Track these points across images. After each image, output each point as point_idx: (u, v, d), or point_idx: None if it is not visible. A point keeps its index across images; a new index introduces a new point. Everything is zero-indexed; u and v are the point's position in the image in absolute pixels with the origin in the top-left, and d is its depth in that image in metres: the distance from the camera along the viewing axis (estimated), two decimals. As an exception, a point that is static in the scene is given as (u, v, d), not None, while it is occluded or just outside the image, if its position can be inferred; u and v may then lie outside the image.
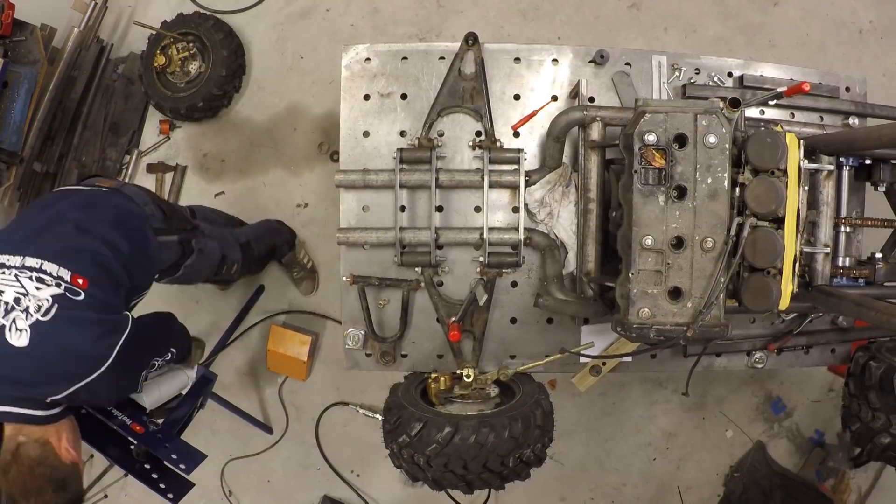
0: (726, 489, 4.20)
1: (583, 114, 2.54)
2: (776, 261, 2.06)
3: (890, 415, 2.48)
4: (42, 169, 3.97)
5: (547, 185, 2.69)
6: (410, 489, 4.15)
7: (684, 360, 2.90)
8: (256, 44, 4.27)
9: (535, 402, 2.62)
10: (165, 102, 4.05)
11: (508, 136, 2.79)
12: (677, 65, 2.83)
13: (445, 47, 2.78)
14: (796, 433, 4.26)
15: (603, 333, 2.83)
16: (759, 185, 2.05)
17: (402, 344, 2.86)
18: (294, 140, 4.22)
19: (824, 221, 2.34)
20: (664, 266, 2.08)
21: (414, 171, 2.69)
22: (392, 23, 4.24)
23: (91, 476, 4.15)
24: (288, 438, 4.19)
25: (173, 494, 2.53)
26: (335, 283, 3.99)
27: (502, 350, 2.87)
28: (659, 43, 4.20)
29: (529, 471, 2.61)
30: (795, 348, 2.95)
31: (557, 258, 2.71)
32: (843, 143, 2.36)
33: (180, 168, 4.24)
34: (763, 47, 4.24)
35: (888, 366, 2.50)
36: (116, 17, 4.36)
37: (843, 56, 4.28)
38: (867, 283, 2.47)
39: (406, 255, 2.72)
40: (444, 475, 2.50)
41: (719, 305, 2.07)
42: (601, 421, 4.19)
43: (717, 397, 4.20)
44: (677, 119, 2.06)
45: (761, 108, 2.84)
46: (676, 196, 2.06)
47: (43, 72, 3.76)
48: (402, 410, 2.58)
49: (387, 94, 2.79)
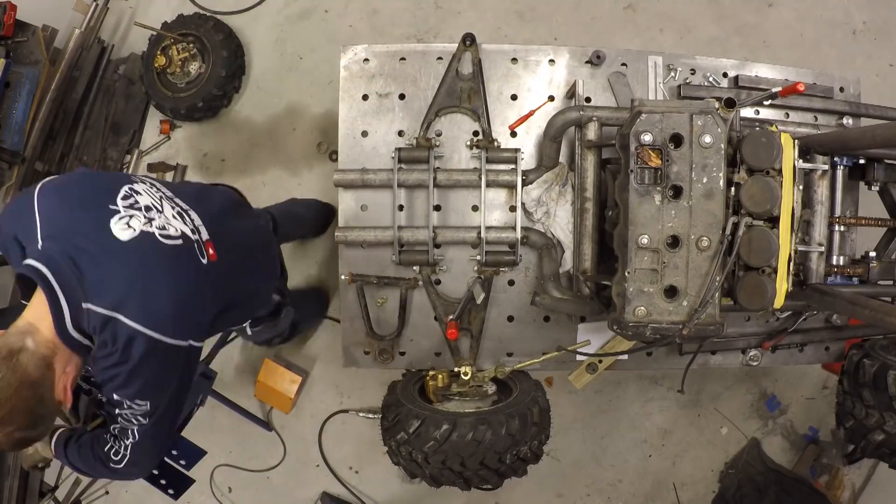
0: (721, 485, 4.23)
1: (579, 114, 2.56)
2: (771, 260, 2.08)
3: (883, 412, 2.49)
4: (44, 168, 3.98)
5: (544, 185, 2.71)
6: (409, 486, 4.17)
7: (680, 358, 2.93)
8: (256, 45, 4.28)
9: (532, 399, 2.65)
10: (166, 102, 4.06)
11: (506, 135, 2.81)
12: (673, 65, 2.85)
13: (443, 48, 2.80)
14: (791, 430, 4.28)
15: (599, 331, 2.85)
16: (754, 184, 2.07)
17: (400, 342, 2.88)
18: (293, 140, 4.23)
19: (819, 221, 2.36)
20: (660, 265, 2.10)
21: (412, 171, 2.71)
22: (390, 24, 4.25)
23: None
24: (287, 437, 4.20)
25: (174, 490, 2.55)
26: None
27: (499, 348, 2.89)
28: (655, 44, 4.21)
29: (526, 467, 2.64)
30: (790, 346, 2.98)
31: (554, 257, 2.73)
32: (838, 143, 2.38)
33: (180, 167, 4.25)
34: (758, 48, 4.26)
35: (882, 363, 2.51)
36: (117, 18, 4.37)
37: (837, 56, 4.30)
38: (861, 281, 2.48)
39: (404, 254, 2.74)
40: (441, 472, 2.52)
41: (714, 304, 2.09)
42: (597, 418, 4.21)
43: (713, 394, 4.22)
44: (673, 119, 2.08)
45: (756, 109, 2.86)
46: (672, 195, 2.09)
47: (45, 72, 3.77)
48: (401, 408, 2.60)
49: (385, 95, 2.81)
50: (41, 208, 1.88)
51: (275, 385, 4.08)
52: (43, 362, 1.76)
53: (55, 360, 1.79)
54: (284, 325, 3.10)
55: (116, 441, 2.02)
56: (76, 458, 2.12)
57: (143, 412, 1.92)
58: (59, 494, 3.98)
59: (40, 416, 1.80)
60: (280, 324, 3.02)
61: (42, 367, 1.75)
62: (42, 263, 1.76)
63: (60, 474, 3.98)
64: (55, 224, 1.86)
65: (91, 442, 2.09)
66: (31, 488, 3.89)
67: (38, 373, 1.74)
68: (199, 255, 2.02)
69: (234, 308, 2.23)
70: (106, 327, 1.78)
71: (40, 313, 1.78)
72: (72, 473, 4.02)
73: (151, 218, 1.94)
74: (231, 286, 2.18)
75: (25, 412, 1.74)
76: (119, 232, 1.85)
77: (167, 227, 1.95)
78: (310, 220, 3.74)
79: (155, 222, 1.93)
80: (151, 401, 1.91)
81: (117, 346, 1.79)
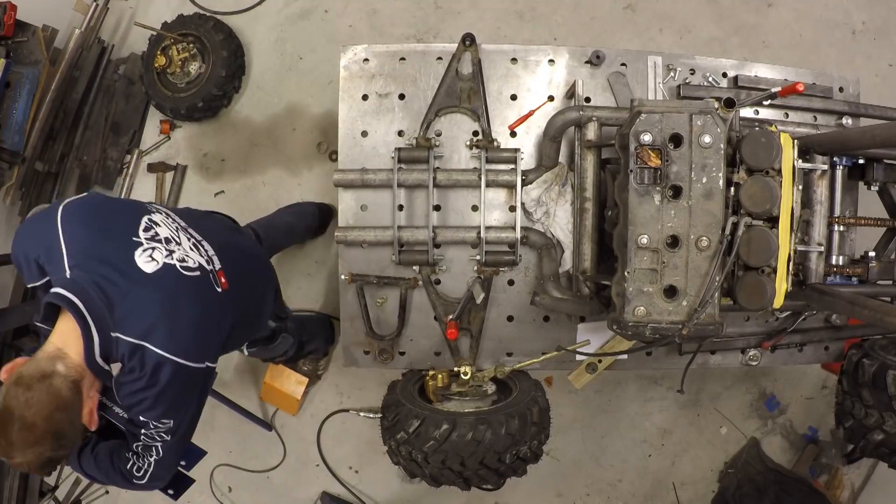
0: (721, 485, 4.23)
1: (579, 114, 2.57)
2: (770, 259, 2.09)
3: (883, 412, 2.50)
4: (44, 168, 3.98)
5: (543, 185, 2.71)
6: (409, 486, 4.17)
7: (679, 358, 2.93)
8: (256, 45, 4.28)
9: (532, 399, 2.66)
10: (166, 102, 4.06)
11: (505, 135, 2.82)
12: (672, 65, 2.85)
13: (443, 48, 2.81)
14: (790, 430, 4.28)
15: (599, 331, 2.85)
16: (753, 184, 2.08)
17: (400, 342, 2.89)
18: (293, 140, 4.23)
19: (818, 220, 2.37)
20: (660, 265, 2.11)
21: (412, 171, 2.71)
22: (390, 24, 4.25)
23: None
24: (287, 437, 4.20)
25: (174, 490, 2.54)
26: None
27: (499, 348, 2.89)
28: (654, 44, 4.21)
29: (526, 467, 2.64)
30: (789, 346, 2.98)
31: (554, 257, 2.74)
32: (837, 143, 2.38)
33: (180, 167, 4.26)
34: (757, 48, 4.26)
35: (881, 363, 2.52)
36: (117, 18, 4.37)
37: (837, 57, 4.30)
38: (860, 281, 2.49)
39: (404, 254, 2.75)
40: (441, 472, 2.53)
41: (714, 304, 2.09)
42: (597, 418, 4.22)
43: (712, 394, 4.23)
44: (672, 119, 2.08)
45: (756, 109, 2.87)
46: (672, 195, 2.09)
47: (45, 72, 3.77)
48: (401, 407, 2.61)
49: (385, 95, 2.81)
50: (66, 235, 1.95)
51: (281, 387, 4.08)
52: (74, 386, 1.83)
53: (83, 385, 1.87)
54: (282, 350, 3.18)
55: (139, 458, 2.09)
56: (91, 466, 2.16)
57: (166, 429, 2.01)
58: (59, 494, 3.98)
59: (69, 438, 1.87)
60: (276, 348, 3.12)
61: (73, 391, 1.82)
62: (73, 293, 1.82)
63: (60, 474, 3.97)
64: (82, 253, 1.93)
65: (110, 455, 2.14)
66: (31, 488, 3.89)
67: (70, 396, 1.81)
68: (214, 284, 2.13)
69: (238, 328, 2.31)
70: (134, 355, 1.87)
71: (69, 339, 1.85)
72: (72, 473, 4.02)
73: (172, 251, 2.05)
74: (238, 311, 2.27)
75: (58, 434, 1.80)
76: (143, 264, 1.95)
77: (186, 259, 2.07)
78: (300, 227, 3.75)
79: (175, 255, 2.05)
80: (174, 419, 2.01)
81: (145, 371, 1.88)
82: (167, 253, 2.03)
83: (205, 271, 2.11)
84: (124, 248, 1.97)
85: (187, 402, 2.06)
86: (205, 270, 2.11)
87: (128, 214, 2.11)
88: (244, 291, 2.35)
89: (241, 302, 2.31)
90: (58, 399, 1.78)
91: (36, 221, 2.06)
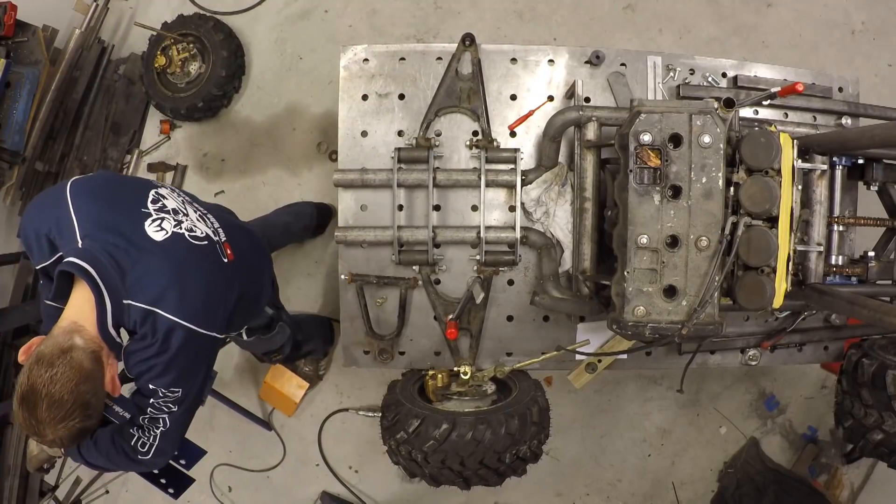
0: (720, 485, 4.23)
1: (579, 114, 2.57)
2: (770, 259, 2.09)
3: (882, 411, 2.50)
4: (44, 168, 3.99)
5: (543, 185, 2.72)
6: (408, 485, 4.18)
7: (679, 358, 2.93)
8: (256, 45, 4.28)
9: (532, 398, 2.66)
10: (166, 102, 4.07)
11: (505, 135, 2.82)
12: (672, 65, 2.85)
13: (443, 48, 2.81)
14: (789, 429, 4.28)
15: (598, 331, 2.85)
16: (753, 184, 2.08)
17: (400, 341, 2.89)
18: (293, 140, 4.24)
19: (817, 220, 2.37)
20: (659, 264, 2.11)
21: (411, 171, 2.71)
22: (390, 24, 4.25)
23: (92, 472, 4.16)
24: (287, 436, 4.21)
25: (174, 490, 2.55)
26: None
27: (499, 347, 2.90)
28: (654, 44, 4.22)
29: (526, 467, 2.64)
30: (789, 346, 2.98)
31: (553, 257, 2.74)
32: (836, 143, 2.38)
33: (180, 167, 4.26)
34: (756, 48, 4.26)
35: (880, 363, 2.52)
36: (117, 18, 4.37)
37: (836, 57, 4.30)
38: (860, 281, 2.49)
39: (404, 254, 2.75)
40: (441, 471, 2.53)
41: (713, 303, 2.10)
42: (597, 417, 4.22)
43: (712, 394, 4.23)
44: (672, 119, 2.08)
45: (755, 109, 2.87)
46: (671, 195, 2.09)
47: (45, 72, 3.78)
48: (400, 407, 2.61)
49: (385, 95, 2.81)
50: (76, 208, 1.98)
51: (281, 388, 4.10)
52: (94, 356, 1.87)
53: (102, 354, 1.90)
54: (279, 342, 3.16)
55: (144, 432, 2.09)
56: (91, 452, 2.15)
57: (174, 399, 2.03)
58: (59, 494, 3.99)
59: (96, 407, 1.92)
60: (274, 339, 3.09)
61: (94, 361, 1.86)
62: (86, 261, 1.86)
63: (60, 474, 3.98)
64: (92, 224, 1.96)
65: (111, 436, 2.13)
66: (31, 488, 3.89)
67: (92, 367, 1.85)
68: (220, 255, 2.18)
69: (241, 304, 2.33)
70: (146, 321, 1.91)
71: (83, 311, 1.89)
72: (72, 473, 4.02)
73: (180, 220, 2.10)
74: (242, 284, 2.30)
75: (85, 405, 1.84)
76: (153, 233, 2.00)
77: (194, 229, 2.12)
78: (298, 227, 3.74)
79: (184, 224, 2.10)
80: (184, 388, 2.03)
81: (157, 337, 1.91)
82: (175, 223, 2.07)
83: (212, 241, 2.16)
84: (134, 218, 2.01)
85: (196, 370, 2.08)
86: (212, 240, 2.16)
87: (135, 188, 2.16)
88: (247, 266, 2.40)
89: (245, 276, 2.35)
90: (81, 372, 1.81)
91: (45, 198, 2.11)
